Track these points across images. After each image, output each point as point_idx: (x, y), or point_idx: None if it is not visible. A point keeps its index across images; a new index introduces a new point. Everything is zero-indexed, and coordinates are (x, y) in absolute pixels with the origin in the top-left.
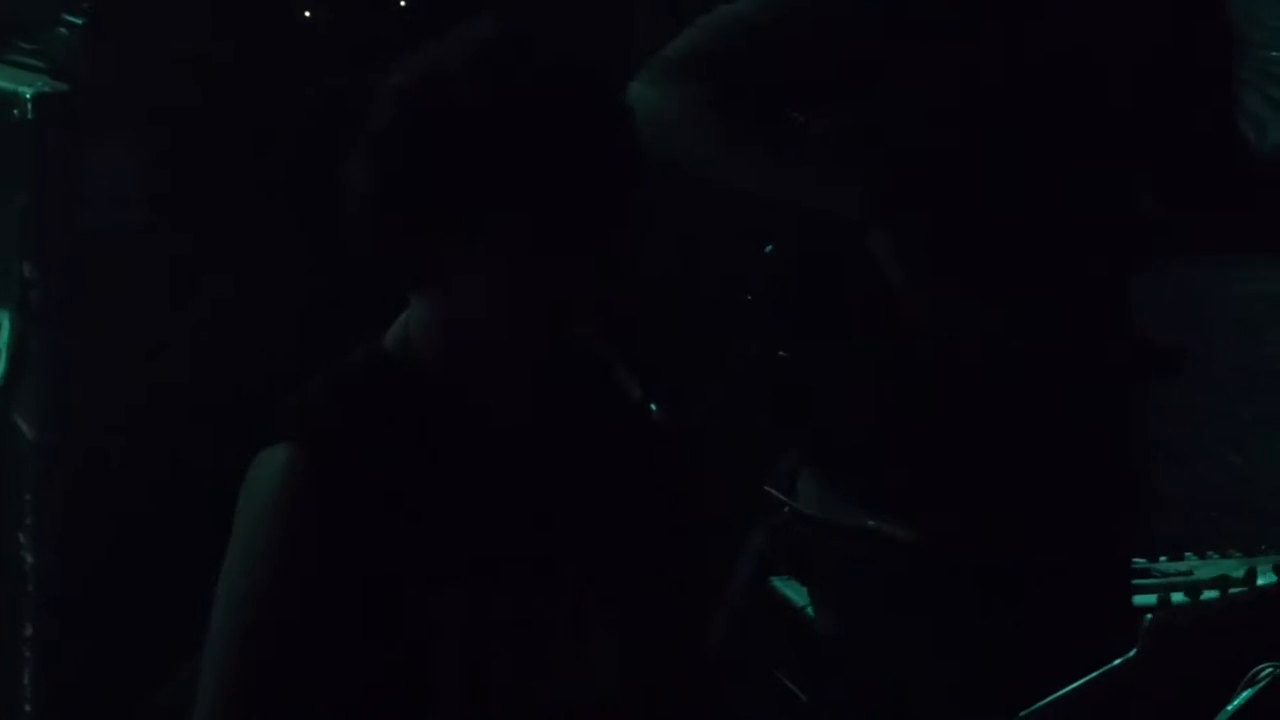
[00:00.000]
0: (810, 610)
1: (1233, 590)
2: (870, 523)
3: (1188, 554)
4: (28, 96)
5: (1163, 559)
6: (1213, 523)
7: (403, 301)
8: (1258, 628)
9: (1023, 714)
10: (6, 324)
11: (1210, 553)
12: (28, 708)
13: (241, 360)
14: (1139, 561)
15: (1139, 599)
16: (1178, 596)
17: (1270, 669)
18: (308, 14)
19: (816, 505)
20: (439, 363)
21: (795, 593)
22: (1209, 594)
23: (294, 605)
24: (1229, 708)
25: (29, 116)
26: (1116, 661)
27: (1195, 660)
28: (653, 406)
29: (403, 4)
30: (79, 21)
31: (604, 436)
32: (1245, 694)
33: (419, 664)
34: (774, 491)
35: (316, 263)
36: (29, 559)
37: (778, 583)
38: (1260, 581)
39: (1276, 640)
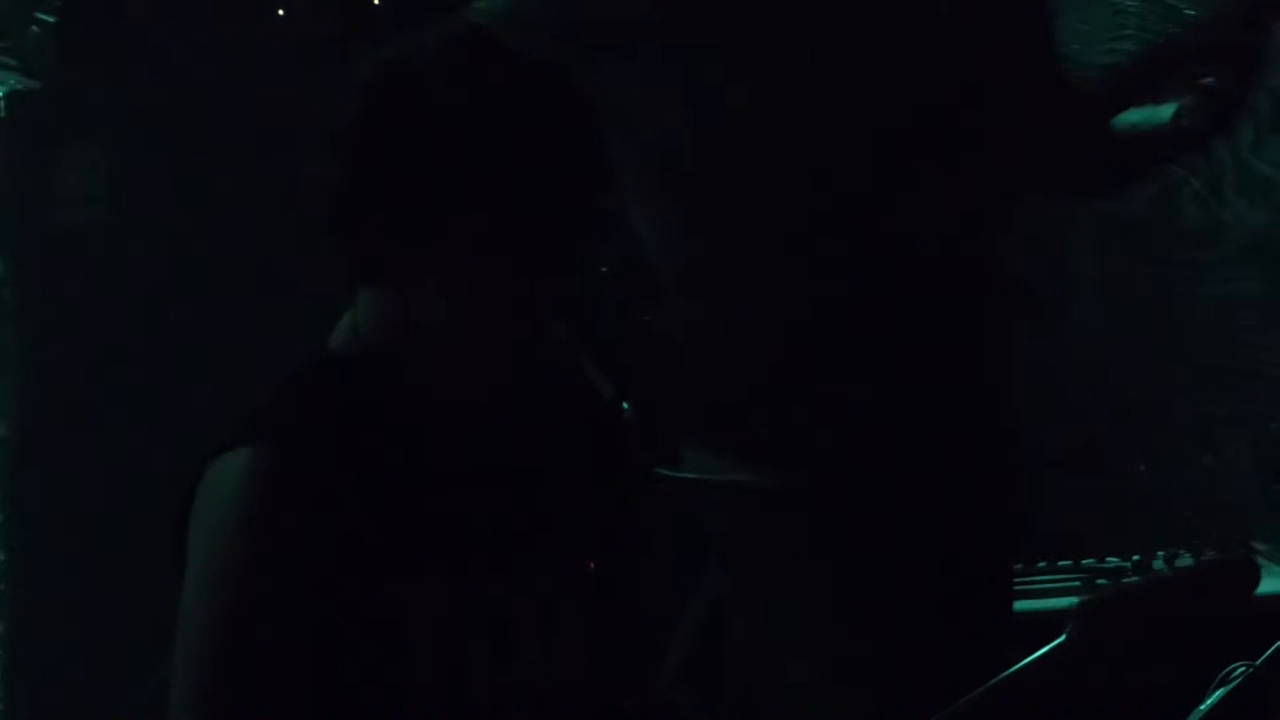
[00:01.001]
0: None
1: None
2: (753, 477)
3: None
4: (1, 95)
5: (1135, 558)
6: (1183, 521)
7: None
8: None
9: (957, 704)
10: None
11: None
12: (0, 705)
13: (212, 359)
14: (1111, 560)
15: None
16: (1102, 581)
17: (1242, 668)
18: (281, 11)
19: (700, 469)
20: (395, 360)
21: None
22: (1131, 579)
23: (265, 603)
24: (1201, 708)
25: (1, 115)
26: (1047, 648)
27: (1125, 641)
28: (624, 405)
29: (376, 2)
30: (50, 20)
31: (573, 433)
32: (1217, 694)
33: (392, 659)
34: (663, 470)
35: (287, 262)
36: (0, 556)
37: None
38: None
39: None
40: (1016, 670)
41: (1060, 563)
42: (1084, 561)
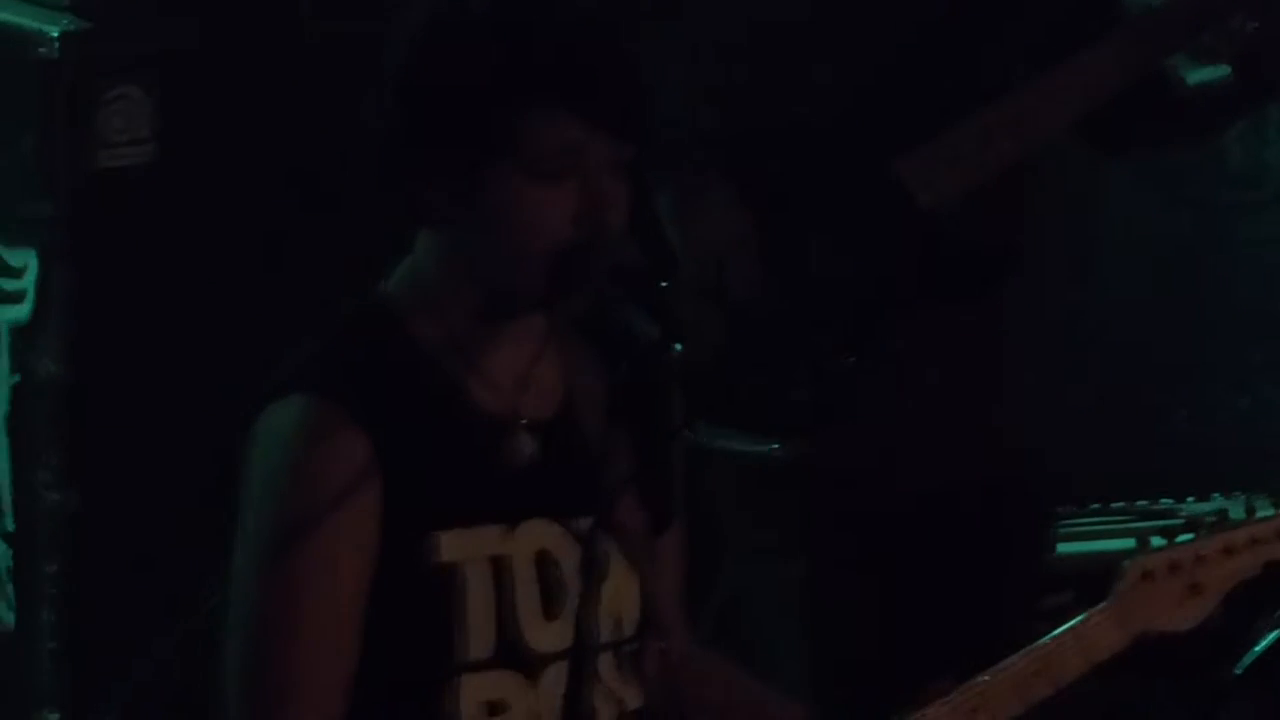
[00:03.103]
0: None
1: (1203, 531)
2: (767, 447)
3: (1215, 494)
4: (54, 35)
5: (1189, 499)
6: (1221, 464)
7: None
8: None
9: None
10: (34, 264)
11: (1236, 492)
12: (50, 644)
13: (260, 300)
14: (1165, 501)
15: (1119, 543)
16: (1156, 540)
17: None
18: None
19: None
20: (448, 304)
21: None
22: (1184, 537)
23: (317, 552)
24: (1256, 649)
25: (55, 55)
26: (1098, 607)
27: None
28: (677, 346)
29: None
30: None
31: (618, 379)
32: (1272, 635)
33: (440, 608)
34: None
35: (338, 204)
36: (51, 496)
37: None
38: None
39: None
40: (1053, 638)
41: (1113, 504)
42: (1137, 503)
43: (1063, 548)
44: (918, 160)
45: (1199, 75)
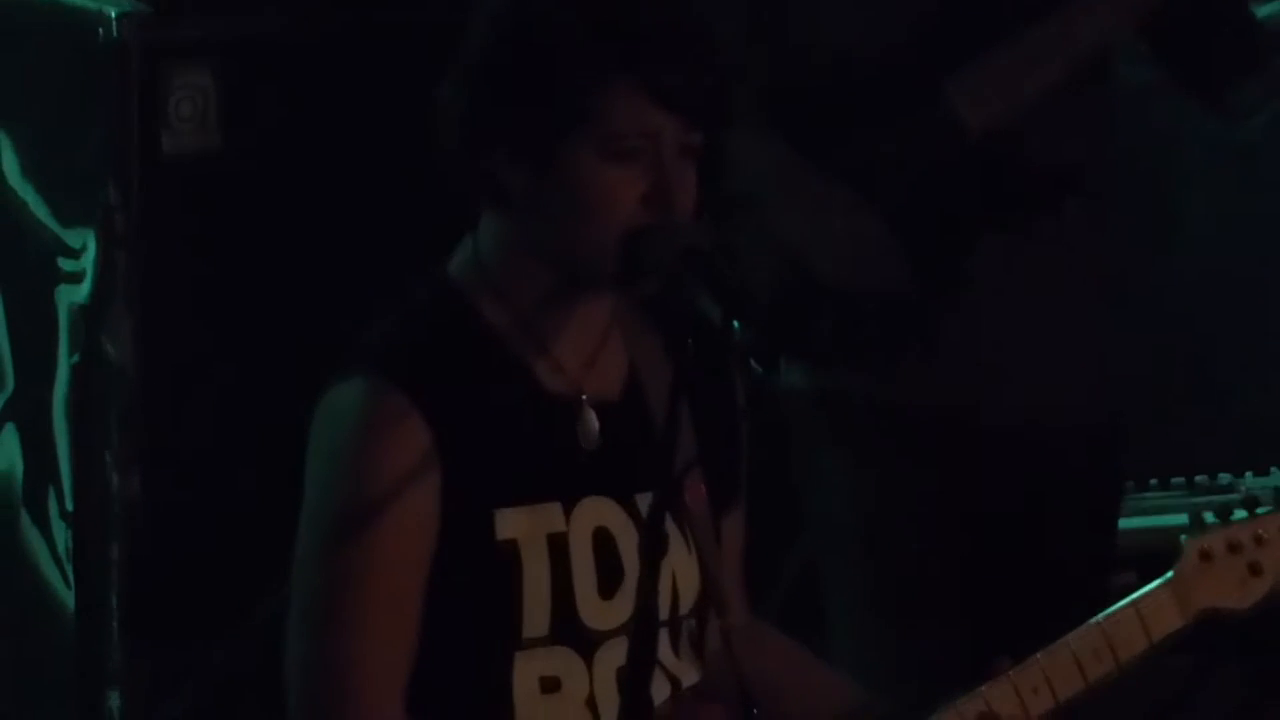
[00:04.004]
0: None
1: (1260, 510)
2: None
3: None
4: (113, 15)
5: (1248, 475)
6: None
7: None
8: None
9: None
10: (93, 245)
11: None
12: (113, 626)
13: (323, 284)
14: (1224, 477)
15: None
16: (1209, 516)
17: None
18: None
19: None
20: (513, 285)
21: None
22: (1239, 514)
23: (379, 532)
24: None
25: (114, 36)
26: (1153, 584)
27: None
28: (735, 325)
29: None
30: None
31: (682, 357)
32: None
33: (497, 586)
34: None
35: (402, 188)
36: (115, 480)
37: None
38: None
39: None
40: (1112, 614)
41: (1173, 479)
42: (1197, 478)
43: (1123, 523)
44: (966, 83)
45: (1268, 8)
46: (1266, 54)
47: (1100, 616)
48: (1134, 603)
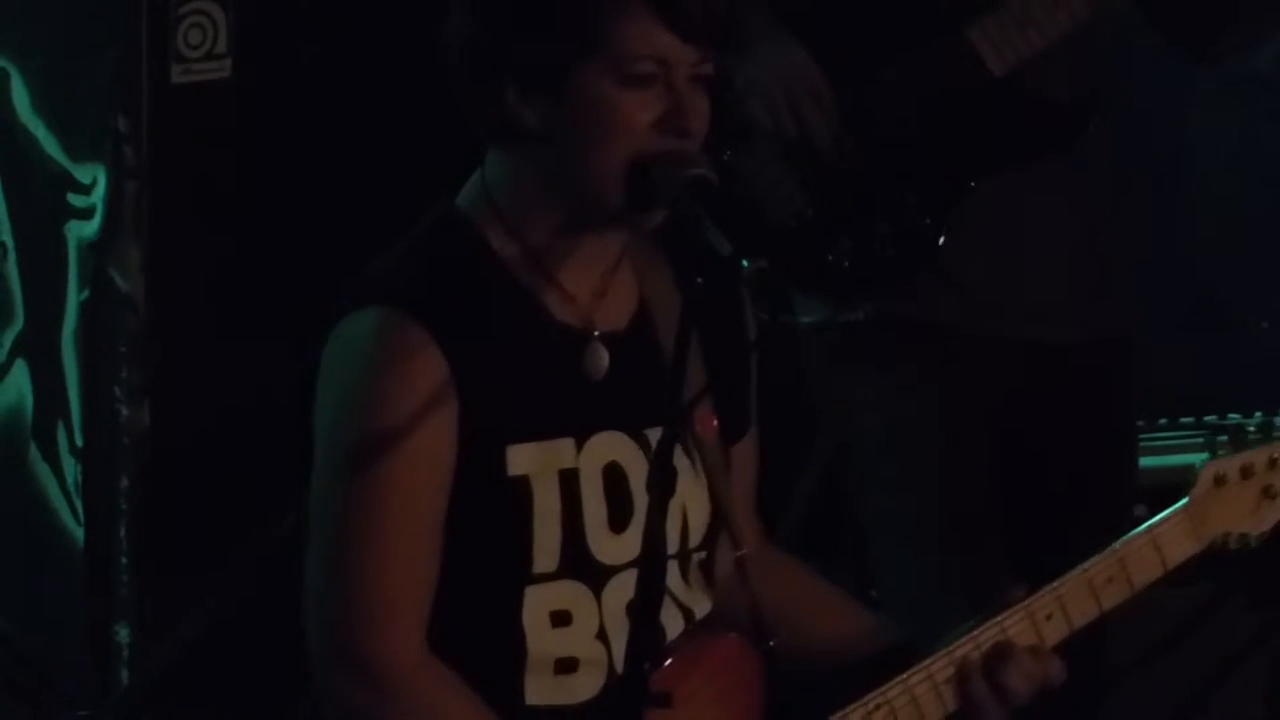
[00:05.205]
0: None
1: (1276, 435)
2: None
3: None
4: None
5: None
6: None
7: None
8: None
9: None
10: (103, 181)
11: None
12: (124, 559)
13: (337, 217)
14: (1233, 417)
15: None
16: (1222, 440)
17: None
18: None
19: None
20: (520, 218)
21: None
22: (1253, 439)
23: (396, 461)
24: None
25: None
26: (1168, 511)
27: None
28: (744, 263)
29: None
30: None
31: (691, 293)
32: None
33: (508, 520)
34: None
35: (415, 122)
36: (124, 411)
37: None
38: None
39: None
40: (1127, 541)
41: (1182, 419)
42: (1206, 418)
43: None
44: (988, 27)
45: None
46: (1245, 2)
47: (1116, 543)
48: (1149, 529)
